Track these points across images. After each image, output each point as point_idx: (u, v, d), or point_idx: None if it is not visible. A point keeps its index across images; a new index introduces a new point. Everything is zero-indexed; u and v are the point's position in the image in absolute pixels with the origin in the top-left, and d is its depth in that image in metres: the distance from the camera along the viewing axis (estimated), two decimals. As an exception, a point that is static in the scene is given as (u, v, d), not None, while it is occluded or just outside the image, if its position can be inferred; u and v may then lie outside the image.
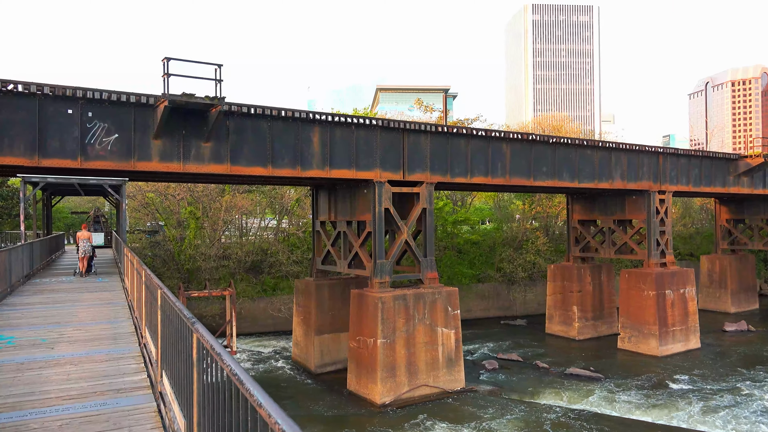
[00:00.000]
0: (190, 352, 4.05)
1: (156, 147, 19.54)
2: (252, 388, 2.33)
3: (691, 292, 34.31)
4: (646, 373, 28.73)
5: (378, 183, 24.18)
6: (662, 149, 34.07)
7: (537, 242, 46.87)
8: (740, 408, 23.62)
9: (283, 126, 22.02)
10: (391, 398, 23.14)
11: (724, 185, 37.60)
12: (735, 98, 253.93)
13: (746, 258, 48.09)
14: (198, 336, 3.67)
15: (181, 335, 4.52)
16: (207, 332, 3.56)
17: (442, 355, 24.94)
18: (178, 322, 4.62)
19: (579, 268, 37.08)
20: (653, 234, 33.36)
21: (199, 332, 3.63)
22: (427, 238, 25.84)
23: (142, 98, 18.93)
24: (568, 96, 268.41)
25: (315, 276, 30.19)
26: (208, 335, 3.45)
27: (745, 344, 35.46)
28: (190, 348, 4.02)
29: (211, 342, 3.25)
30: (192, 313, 25.88)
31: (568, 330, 36.95)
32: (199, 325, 3.79)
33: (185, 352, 4.28)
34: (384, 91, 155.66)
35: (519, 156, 28.22)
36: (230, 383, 2.70)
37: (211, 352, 3.14)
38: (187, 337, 4.17)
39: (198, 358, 3.71)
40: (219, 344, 3.18)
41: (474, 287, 43.98)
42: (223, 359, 2.83)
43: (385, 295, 23.57)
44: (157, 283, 6.28)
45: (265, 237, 44.14)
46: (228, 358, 2.82)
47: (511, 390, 25.98)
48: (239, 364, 2.71)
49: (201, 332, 3.59)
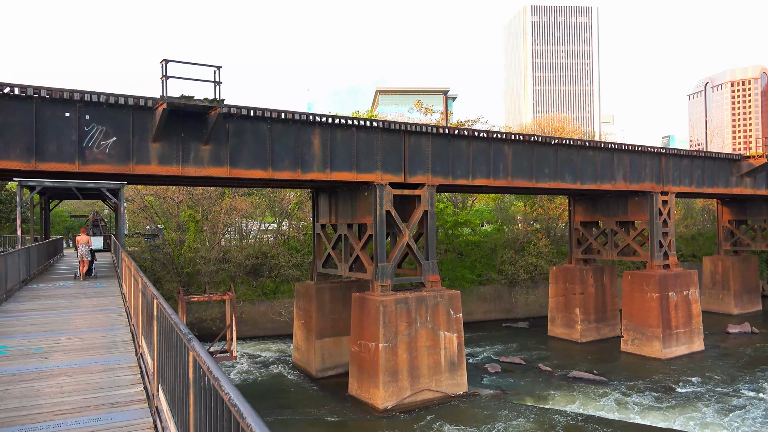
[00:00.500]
0: (186, 369, 3.77)
1: (155, 150, 19.31)
2: (254, 424, 2.06)
3: (694, 293, 34.02)
4: (651, 376, 28.45)
5: (379, 185, 23.92)
6: (665, 150, 33.79)
7: (539, 244, 46.59)
8: (747, 412, 23.33)
9: (283, 128, 21.78)
10: (393, 403, 22.85)
11: (726, 186, 37.32)
12: (734, 99, 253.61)
13: (749, 259, 47.81)
14: (195, 355, 3.39)
15: (178, 350, 4.25)
16: (205, 352, 3.28)
17: (445, 359, 24.65)
18: (175, 336, 4.35)
19: (581, 270, 36.79)
20: (656, 235, 33.07)
21: (196, 351, 3.35)
22: (429, 240, 25.58)
23: (140, 101, 18.71)
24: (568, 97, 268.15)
25: (316, 279, 29.92)
26: (205, 355, 3.17)
27: (749, 346, 35.16)
28: (186, 366, 3.74)
29: (208, 364, 2.96)
30: (192, 316, 25.42)
31: (571, 332, 36.65)
32: (196, 343, 3.51)
33: (182, 369, 4.00)
34: (383, 92, 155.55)
35: (521, 157, 27.95)
36: (229, 414, 2.43)
37: (209, 375, 2.85)
38: (184, 354, 3.90)
39: (195, 379, 3.43)
40: (217, 366, 2.89)
41: (475, 290, 43.69)
42: (222, 386, 2.55)
43: (386, 299, 23.29)
44: (153, 292, 6.00)
45: (265, 240, 43.84)
46: (227, 385, 2.54)
47: (515, 394, 25.69)
48: (239, 392, 2.44)
49: (198, 351, 3.31)
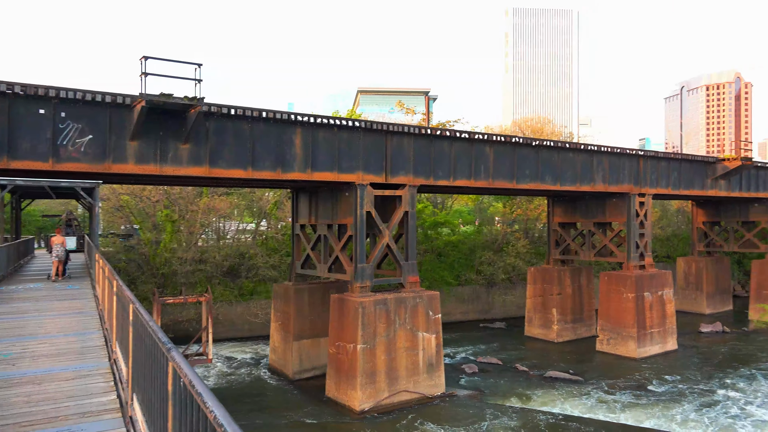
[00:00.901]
0: (164, 379, 3.63)
1: (132, 148, 18.93)
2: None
3: (669, 294, 34.53)
4: (625, 375, 28.81)
5: (360, 186, 23.81)
6: (643, 152, 34.24)
7: (517, 245, 46.89)
8: (717, 410, 23.75)
9: (264, 127, 21.53)
10: (370, 405, 22.76)
11: (702, 188, 37.94)
12: (709, 102, 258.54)
13: (721, 260, 48.72)
14: (175, 366, 3.26)
15: (155, 359, 4.10)
16: (186, 363, 3.15)
17: (423, 360, 24.63)
18: (152, 344, 4.21)
19: (559, 270, 37.09)
20: (633, 237, 33.48)
21: (177, 362, 3.22)
22: (409, 241, 25.54)
23: (118, 98, 18.31)
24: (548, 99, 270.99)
25: (294, 280, 29.69)
26: (187, 367, 3.05)
27: (721, 345, 35.86)
28: (165, 376, 3.60)
29: (191, 377, 2.83)
30: (167, 318, 24.89)
31: (548, 333, 36.94)
32: (176, 353, 3.38)
33: (160, 379, 3.86)
34: (364, 93, 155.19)
35: (502, 158, 28.06)
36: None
37: (191, 390, 2.72)
38: (162, 363, 3.76)
39: (174, 391, 3.30)
40: (200, 380, 2.77)
41: (454, 290, 43.79)
42: (206, 402, 2.43)
43: (365, 300, 23.19)
44: (129, 296, 5.83)
45: (244, 240, 43.40)
46: (212, 401, 2.42)
47: (492, 394, 25.79)
48: (224, 410, 2.33)
49: (179, 362, 3.18)
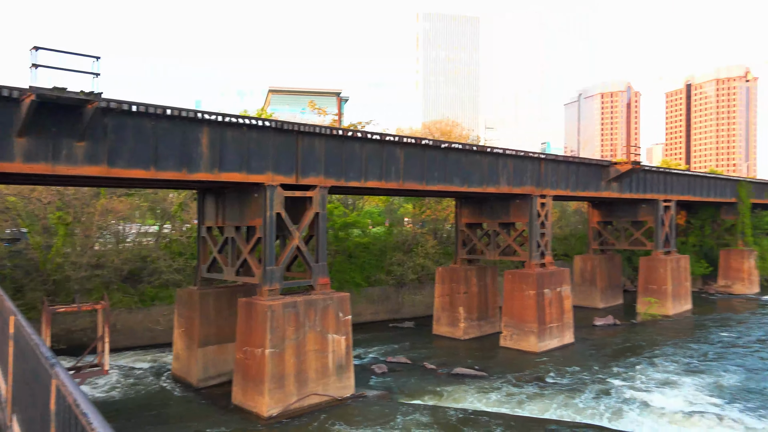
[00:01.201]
0: (47, 398, 3.36)
1: (20, 145, 17.46)
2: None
3: (566, 290, 36.55)
4: (526, 368, 30.16)
5: (270, 187, 23.36)
6: (544, 156, 36.02)
7: (426, 245, 47.86)
8: (612, 397, 25.45)
9: (168, 125, 20.58)
10: (279, 410, 22.38)
11: (597, 190, 40.46)
12: (604, 110, 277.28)
13: (613, 257, 52.23)
14: (58, 384, 3.01)
15: (37, 375, 3.79)
16: (70, 380, 2.92)
17: (333, 362, 24.56)
18: (35, 359, 3.88)
19: (466, 270, 38.23)
20: (534, 236, 35.14)
21: (60, 379, 2.98)
22: (320, 243, 25.38)
23: (3, 91, 16.81)
24: (456, 103, 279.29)
25: (199, 284, 28.64)
26: (71, 384, 2.82)
27: (612, 337, 38.51)
28: (48, 394, 3.33)
29: (75, 395, 2.62)
30: (59, 327, 23.21)
31: (454, 331, 37.99)
32: (59, 369, 3.13)
33: (42, 398, 3.57)
34: (276, 92, 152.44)
35: (413, 160, 28.52)
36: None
37: (75, 409, 2.53)
38: (45, 381, 3.47)
39: (57, 411, 3.05)
40: (86, 399, 2.57)
41: (364, 291, 44.00)
42: (91, 423, 2.26)
43: (274, 303, 22.79)
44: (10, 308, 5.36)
45: (145, 243, 41.31)
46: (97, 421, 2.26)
47: (401, 393, 26.15)
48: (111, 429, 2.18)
49: (62, 379, 2.94)
